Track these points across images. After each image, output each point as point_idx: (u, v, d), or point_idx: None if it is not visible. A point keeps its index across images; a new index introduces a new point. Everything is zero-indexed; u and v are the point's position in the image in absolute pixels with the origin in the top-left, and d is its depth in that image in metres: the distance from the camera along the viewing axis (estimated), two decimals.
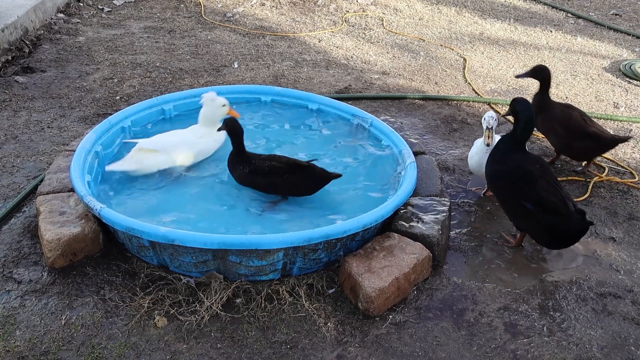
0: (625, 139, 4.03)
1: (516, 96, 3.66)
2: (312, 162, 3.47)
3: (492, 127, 3.57)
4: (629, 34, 6.85)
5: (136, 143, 3.66)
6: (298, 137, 4.17)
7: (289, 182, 3.43)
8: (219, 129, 3.59)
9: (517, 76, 4.43)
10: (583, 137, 3.98)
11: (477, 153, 3.74)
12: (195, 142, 3.81)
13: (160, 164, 3.64)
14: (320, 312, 2.97)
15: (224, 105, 3.91)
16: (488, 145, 3.57)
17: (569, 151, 4.12)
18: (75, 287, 3.03)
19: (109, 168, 3.59)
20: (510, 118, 3.59)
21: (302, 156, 3.84)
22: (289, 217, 3.40)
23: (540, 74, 4.16)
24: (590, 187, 4.04)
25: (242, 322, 2.90)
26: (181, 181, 3.64)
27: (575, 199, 3.92)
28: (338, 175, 3.49)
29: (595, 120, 4.66)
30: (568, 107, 4.15)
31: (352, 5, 7.28)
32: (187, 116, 4.19)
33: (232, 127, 3.53)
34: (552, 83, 4.23)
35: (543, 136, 4.43)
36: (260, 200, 3.50)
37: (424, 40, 6.44)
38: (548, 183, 3.23)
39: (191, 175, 3.70)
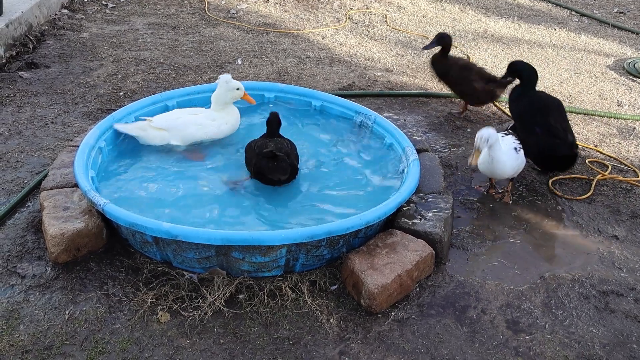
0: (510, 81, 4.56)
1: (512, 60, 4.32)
2: (280, 155, 3.41)
3: (481, 149, 3.54)
4: (633, 32, 6.83)
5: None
6: (301, 133, 4.17)
7: (254, 162, 3.49)
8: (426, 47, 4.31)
9: (424, 48, 4.86)
10: (490, 80, 4.58)
11: (509, 157, 3.65)
12: (206, 124, 3.90)
13: (164, 140, 3.85)
14: (322, 308, 2.98)
15: (238, 89, 3.95)
16: (471, 165, 3.64)
17: (482, 94, 4.62)
18: (79, 282, 3.05)
19: (116, 126, 3.80)
20: (509, 79, 4.37)
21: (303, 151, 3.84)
22: (290, 212, 3.40)
23: (444, 40, 4.70)
24: (593, 185, 4.04)
25: (244, 318, 2.91)
26: (186, 176, 3.64)
27: (578, 197, 3.93)
28: (279, 182, 3.46)
29: (599, 117, 4.92)
30: (467, 62, 4.91)
31: (355, 3, 7.28)
32: None
33: (273, 119, 3.69)
34: (555, 80, 4.40)
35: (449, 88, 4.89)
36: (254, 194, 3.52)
37: (427, 38, 6.42)
38: (559, 114, 3.95)
39: (196, 169, 3.71)
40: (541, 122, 3.87)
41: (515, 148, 3.67)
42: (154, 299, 2.96)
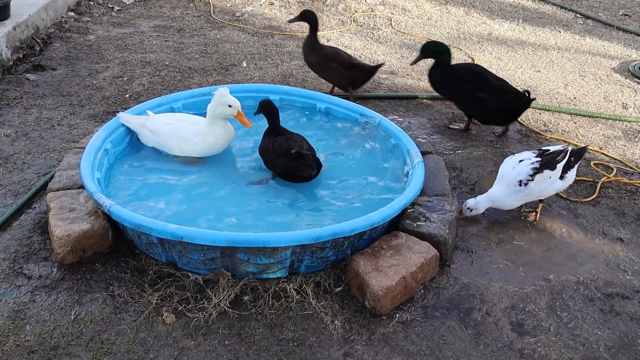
0: (380, 65, 4.89)
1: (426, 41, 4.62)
2: (306, 153, 3.52)
3: (467, 215, 3.63)
4: (638, 35, 6.82)
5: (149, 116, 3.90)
6: (306, 136, 4.17)
7: (279, 164, 3.58)
8: (290, 21, 4.44)
9: (290, 21, 5.09)
10: (352, 67, 4.78)
11: (508, 195, 3.57)
12: (188, 138, 3.75)
13: (153, 143, 3.85)
14: (327, 310, 2.98)
15: (230, 106, 3.69)
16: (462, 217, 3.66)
17: (344, 80, 4.83)
18: (85, 283, 3.06)
19: (120, 114, 3.88)
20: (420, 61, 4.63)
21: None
22: (295, 214, 3.41)
23: (308, 16, 4.85)
24: (598, 187, 4.03)
25: (249, 319, 2.92)
26: (192, 176, 3.66)
27: (583, 200, 3.92)
28: (311, 176, 3.57)
29: (604, 120, 4.93)
30: (336, 47, 5.05)
31: (360, 5, 7.29)
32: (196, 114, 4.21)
33: (267, 107, 3.70)
34: (560, 83, 4.40)
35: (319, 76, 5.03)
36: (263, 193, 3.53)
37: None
38: (494, 77, 4.40)
39: (202, 171, 3.72)
40: (484, 87, 4.31)
41: (521, 181, 3.50)
42: (159, 300, 2.97)
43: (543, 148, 3.68)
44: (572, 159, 3.60)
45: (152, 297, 2.98)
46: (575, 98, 5.31)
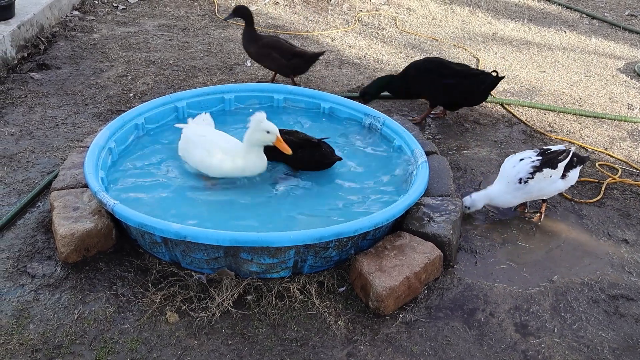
0: (321, 53, 5.01)
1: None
2: (324, 140, 3.74)
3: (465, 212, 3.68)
4: None
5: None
6: (310, 135, 4.17)
7: (299, 156, 3.65)
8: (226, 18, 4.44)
9: (225, 19, 5.28)
10: (294, 56, 4.89)
11: (508, 192, 3.58)
12: (216, 153, 3.57)
13: (182, 152, 3.76)
14: (330, 310, 2.98)
15: (268, 132, 3.49)
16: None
17: (286, 69, 4.96)
18: (88, 282, 3.06)
19: (178, 125, 3.89)
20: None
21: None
22: (298, 214, 3.40)
23: (242, 11, 4.98)
24: (603, 188, 4.02)
25: (252, 319, 2.91)
26: (196, 176, 3.65)
27: (588, 201, 3.91)
28: (339, 159, 3.77)
29: (609, 120, 4.93)
30: (275, 36, 5.15)
31: (365, 5, 7.28)
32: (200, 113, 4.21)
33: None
34: (565, 83, 4.39)
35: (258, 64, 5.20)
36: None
37: (437, 40, 6.42)
38: (455, 63, 4.59)
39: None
40: (447, 74, 4.48)
41: (521, 179, 3.51)
42: (163, 300, 2.97)
43: (545, 147, 3.68)
44: (575, 159, 3.60)
45: (155, 296, 2.98)
46: (580, 98, 5.29)
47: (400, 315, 2.98)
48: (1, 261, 3.17)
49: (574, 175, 3.62)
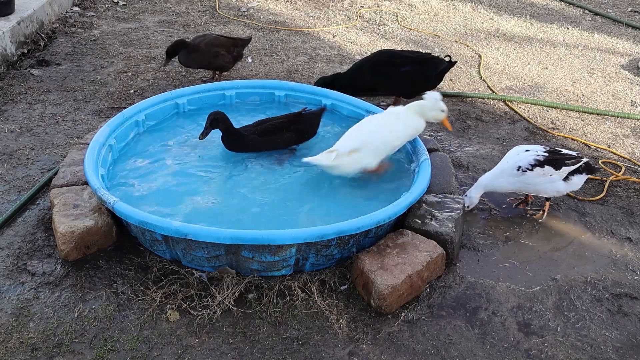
0: (249, 39, 5.12)
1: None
2: (304, 110, 3.96)
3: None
4: None
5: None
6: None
7: (298, 128, 3.85)
8: (200, 136, 3.66)
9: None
10: (234, 45, 4.95)
11: (502, 176, 3.58)
12: (396, 127, 3.65)
13: (358, 163, 3.57)
14: (332, 308, 2.96)
15: (442, 111, 3.72)
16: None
17: (230, 61, 4.95)
18: (88, 280, 3.05)
19: (305, 160, 3.56)
20: None
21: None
22: (299, 211, 3.38)
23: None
24: (606, 186, 3.99)
25: (254, 317, 2.90)
26: (196, 173, 3.63)
27: (591, 198, 3.89)
28: (324, 109, 4.07)
29: (612, 117, 4.88)
30: (203, 34, 5.08)
31: (366, 1, 7.25)
32: (201, 110, 4.19)
33: (219, 117, 3.64)
34: (568, 80, 4.36)
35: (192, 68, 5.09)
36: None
37: (438, 37, 6.39)
38: (406, 51, 4.71)
39: (206, 166, 3.70)
40: (403, 63, 4.51)
41: (520, 167, 3.50)
42: (163, 298, 2.95)
43: (557, 148, 3.67)
44: (583, 165, 3.58)
45: (156, 294, 2.96)
46: (583, 95, 5.27)
47: (403, 314, 2.96)
48: (1, 259, 3.15)
49: (578, 180, 3.60)
